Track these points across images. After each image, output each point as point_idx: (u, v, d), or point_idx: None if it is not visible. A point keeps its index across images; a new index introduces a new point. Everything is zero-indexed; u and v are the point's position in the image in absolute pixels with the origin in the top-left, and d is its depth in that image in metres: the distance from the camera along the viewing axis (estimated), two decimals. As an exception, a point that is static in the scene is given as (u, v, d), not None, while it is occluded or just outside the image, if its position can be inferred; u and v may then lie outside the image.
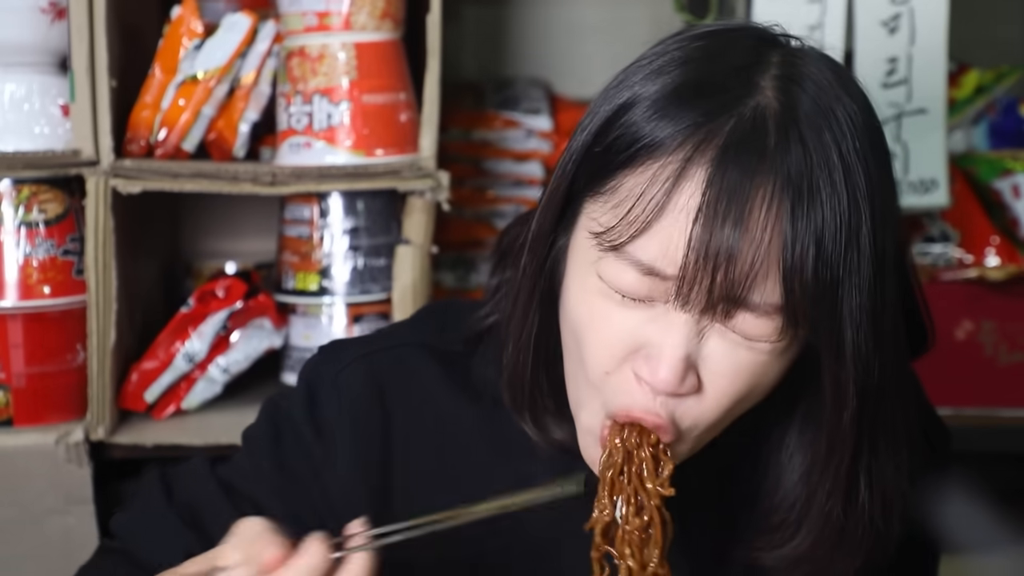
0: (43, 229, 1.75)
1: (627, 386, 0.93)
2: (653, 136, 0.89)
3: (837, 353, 0.91)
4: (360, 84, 1.77)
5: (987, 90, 2.08)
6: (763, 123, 0.87)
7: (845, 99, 0.91)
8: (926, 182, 1.85)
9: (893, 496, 0.98)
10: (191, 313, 1.84)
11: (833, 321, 0.89)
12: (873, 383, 0.92)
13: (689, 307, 0.89)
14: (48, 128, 1.78)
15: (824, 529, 0.98)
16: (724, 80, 0.90)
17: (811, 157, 0.87)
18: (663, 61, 0.93)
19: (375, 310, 1.84)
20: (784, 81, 0.90)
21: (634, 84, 0.93)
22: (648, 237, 0.88)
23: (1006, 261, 1.91)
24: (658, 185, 0.88)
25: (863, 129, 0.90)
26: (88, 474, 1.74)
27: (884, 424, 0.96)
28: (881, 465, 0.97)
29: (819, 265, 0.87)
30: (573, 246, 0.97)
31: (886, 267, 0.91)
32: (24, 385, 1.74)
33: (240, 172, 1.76)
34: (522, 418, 1.04)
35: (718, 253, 0.86)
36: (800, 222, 0.86)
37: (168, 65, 1.82)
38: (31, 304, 1.74)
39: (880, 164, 0.91)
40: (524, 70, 2.27)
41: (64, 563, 1.77)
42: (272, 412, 1.13)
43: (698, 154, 0.87)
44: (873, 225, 0.89)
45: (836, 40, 1.81)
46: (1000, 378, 1.93)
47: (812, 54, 0.94)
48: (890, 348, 0.93)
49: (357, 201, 1.83)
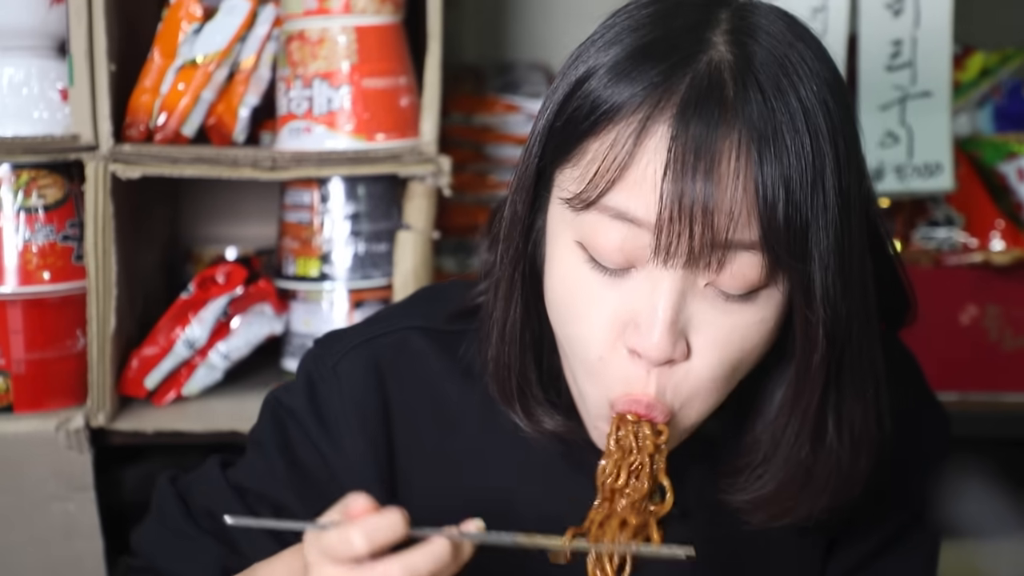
0: (42, 214, 1.74)
1: (623, 369, 0.93)
2: (612, 101, 0.90)
3: (807, 295, 0.92)
4: (360, 68, 1.76)
5: (992, 73, 2.07)
6: (719, 76, 0.88)
7: (799, 46, 0.92)
8: (931, 166, 1.84)
9: (861, 436, 0.99)
10: (191, 299, 1.83)
11: (804, 263, 0.90)
12: (841, 325, 0.93)
13: (672, 261, 0.89)
14: (47, 113, 1.77)
15: (790, 470, 0.98)
16: (676, 40, 0.91)
17: (771, 103, 0.88)
18: (614, 32, 0.94)
19: (376, 296, 1.83)
20: (736, 34, 0.91)
21: (588, 58, 0.94)
22: (618, 190, 0.89)
23: (1011, 245, 1.91)
24: (621, 144, 0.89)
25: (819, 74, 0.91)
26: (89, 460, 1.74)
27: (851, 366, 0.96)
28: (848, 406, 0.97)
29: (789, 207, 0.88)
30: (550, 222, 0.97)
31: (851, 209, 0.92)
32: (24, 371, 1.74)
33: (240, 157, 1.75)
34: (512, 410, 1.04)
35: (692, 205, 0.87)
36: (767, 167, 0.87)
37: (167, 49, 1.81)
38: (31, 290, 1.73)
39: (840, 107, 0.92)
40: (525, 54, 2.26)
41: (65, 549, 1.78)
42: (274, 409, 1.13)
43: (657, 112, 0.88)
44: (837, 167, 0.90)
45: (840, 23, 1.80)
46: (1005, 363, 1.92)
47: (762, 7, 0.95)
48: (857, 290, 0.94)
49: (358, 186, 1.82)
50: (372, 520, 0.86)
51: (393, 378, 1.09)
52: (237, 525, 1.05)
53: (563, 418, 1.02)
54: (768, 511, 1.01)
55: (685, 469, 1.03)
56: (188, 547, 1.10)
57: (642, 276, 0.91)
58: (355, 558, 0.86)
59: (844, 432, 0.98)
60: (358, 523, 0.86)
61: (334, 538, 0.86)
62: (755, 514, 1.02)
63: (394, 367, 1.09)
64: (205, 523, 1.10)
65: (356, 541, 0.85)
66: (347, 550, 0.86)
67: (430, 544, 0.87)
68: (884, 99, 1.84)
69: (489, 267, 1.07)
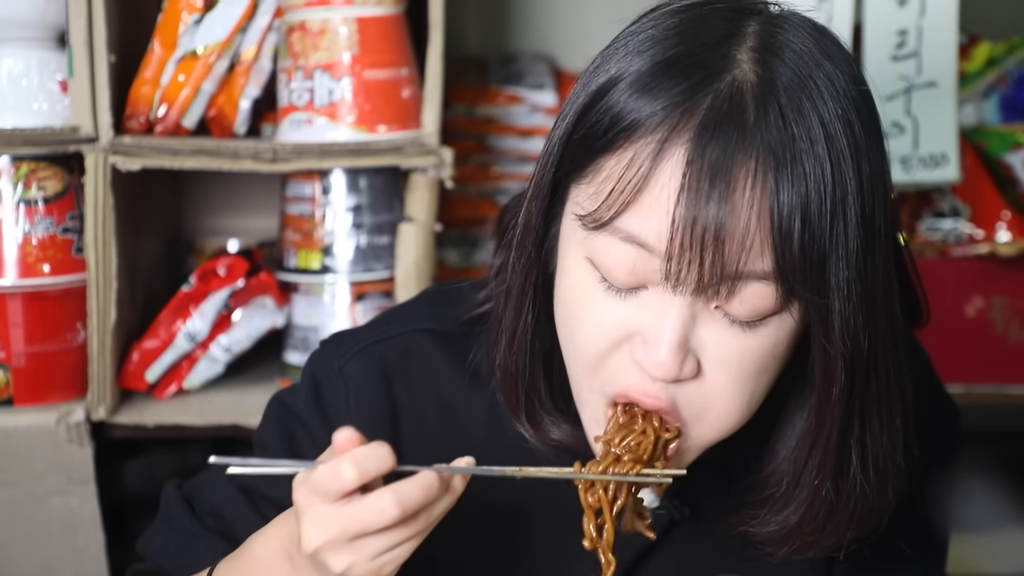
0: (42, 207, 1.73)
1: (624, 368, 0.92)
2: (630, 119, 0.88)
3: (825, 326, 0.90)
4: (362, 59, 1.75)
5: (998, 62, 2.06)
6: (741, 98, 0.86)
7: (826, 65, 0.89)
8: (936, 156, 1.83)
9: (887, 468, 0.97)
10: (192, 292, 1.82)
11: (822, 293, 0.88)
12: (863, 356, 0.91)
13: (681, 287, 0.88)
14: (47, 104, 1.76)
15: (813, 504, 0.97)
16: (700, 56, 0.89)
17: (791, 128, 0.86)
18: (638, 41, 0.92)
19: (378, 288, 1.82)
20: (761, 52, 0.89)
21: (610, 68, 0.92)
22: (631, 213, 0.88)
23: (1017, 236, 1.90)
24: (637, 165, 0.87)
25: (845, 94, 0.89)
26: (89, 454, 1.73)
27: (877, 397, 0.94)
28: (874, 438, 0.96)
29: (806, 236, 0.85)
30: (563, 234, 0.96)
31: (875, 236, 0.90)
32: (24, 364, 1.73)
33: (241, 149, 1.74)
34: (518, 419, 1.03)
35: (704, 232, 0.85)
36: (784, 194, 0.85)
37: (167, 40, 1.80)
38: (31, 283, 1.73)
39: (867, 129, 0.90)
40: (528, 45, 2.25)
41: (66, 543, 1.77)
42: (279, 411, 1.12)
43: (675, 134, 0.86)
44: (860, 193, 0.88)
45: (845, 13, 1.79)
46: (1010, 355, 1.92)
47: (792, 20, 0.92)
48: (882, 320, 0.92)
49: (359, 178, 1.81)
50: (360, 450, 0.86)
51: (400, 381, 1.08)
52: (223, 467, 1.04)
53: (570, 428, 1.01)
54: (791, 543, 0.99)
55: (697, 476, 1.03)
56: (193, 546, 1.09)
57: (652, 295, 0.90)
58: (345, 490, 0.85)
59: (869, 464, 0.96)
60: (347, 454, 0.85)
61: (323, 472, 0.85)
62: (779, 546, 1.00)
63: (401, 370, 1.08)
64: (210, 523, 1.10)
65: (345, 471, 0.85)
66: (337, 482, 0.85)
67: (420, 476, 0.87)
68: (889, 89, 1.83)
69: (497, 270, 1.06)
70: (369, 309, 1.81)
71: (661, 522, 1.04)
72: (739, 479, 1.02)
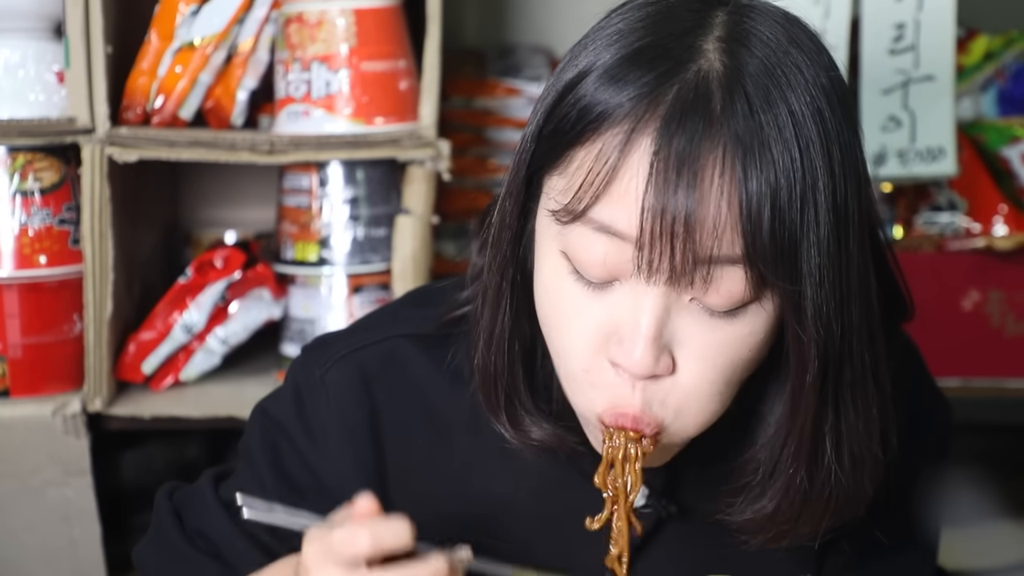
0: (39, 198, 1.73)
1: (607, 381, 0.91)
2: (598, 110, 0.88)
3: (798, 313, 0.89)
4: (359, 51, 1.75)
5: (996, 56, 2.06)
6: (707, 87, 0.86)
7: (794, 53, 0.89)
8: (933, 150, 1.83)
9: (863, 458, 0.97)
10: (189, 283, 1.82)
11: (794, 280, 0.88)
12: (836, 344, 0.91)
13: (654, 277, 0.87)
14: (43, 95, 1.76)
15: (788, 493, 0.97)
16: (666, 47, 0.88)
17: (758, 116, 0.85)
18: (606, 35, 0.92)
19: (375, 281, 1.82)
20: (728, 42, 0.88)
21: (579, 62, 0.92)
22: (602, 204, 0.88)
23: (1014, 230, 1.90)
24: (605, 157, 0.87)
25: (815, 82, 0.88)
26: (86, 446, 1.73)
27: (852, 385, 0.94)
28: (849, 427, 0.95)
29: (776, 223, 0.85)
30: (538, 229, 0.96)
31: (848, 223, 0.89)
32: (21, 356, 1.73)
33: (238, 140, 1.74)
34: (498, 420, 1.02)
35: (674, 220, 0.85)
36: (752, 181, 0.85)
37: (164, 31, 1.80)
38: (27, 274, 1.73)
39: (837, 117, 0.89)
40: (526, 37, 2.25)
41: (62, 534, 1.77)
42: (262, 421, 1.11)
43: (642, 124, 0.86)
44: (831, 179, 0.87)
45: (843, 6, 1.79)
46: (1007, 349, 1.91)
47: (761, 9, 0.92)
48: (856, 308, 0.92)
49: (357, 170, 1.81)
50: (381, 523, 0.85)
51: (381, 389, 1.07)
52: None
53: (551, 426, 1.00)
54: (766, 532, 0.99)
55: (681, 470, 1.02)
56: (185, 568, 1.09)
57: (625, 290, 0.90)
58: (357, 558, 0.85)
59: (844, 453, 0.95)
60: (366, 523, 0.85)
61: (339, 535, 0.85)
62: (754, 535, 1.00)
63: (382, 377, 1.07)
64: (199, 543, 1.09)
65: (361, 540, 0.84)
66: (350, 548, 0.85)
67: (432, 560, 0.86)
68: (887, 83, 1.83)
69: (477, 272, 1.05)
70: (366, 301, 1.81)
71: (649, 521, 1.04)
72: (718, 468, 1.01)
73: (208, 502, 1.10)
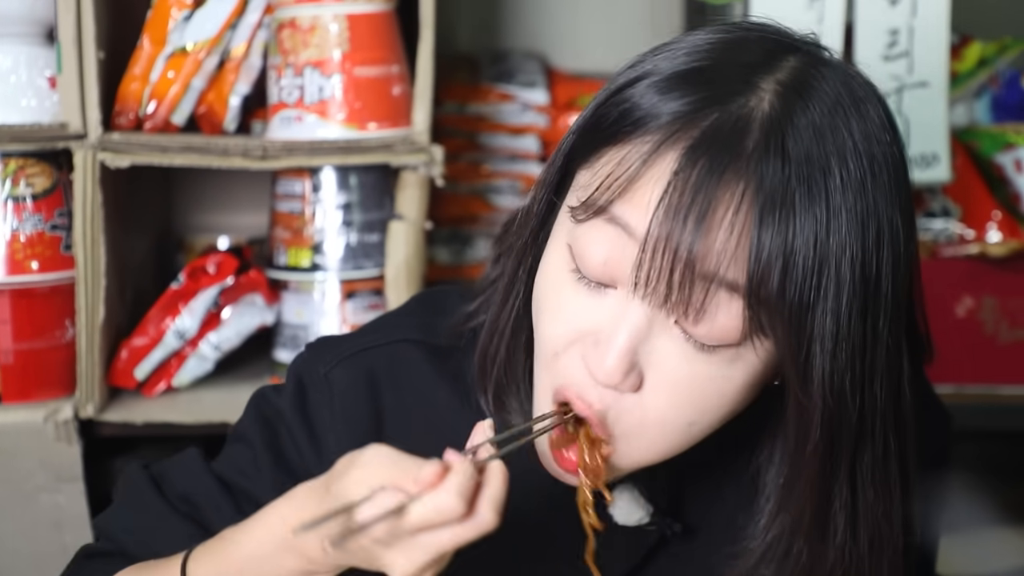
0: (31, 203, 1.72)
1: (572, 368, 0.91)
2: (637, 115, 0.87)
3: (802, 381, 0.87)
4: (352, 56, 1.74)
5: (990, 62, 2.05)
6: (747, 124, 0.85)
7: (854, 119, 0.87)
8: (927, 156, 1.83)
9: (882, 540, 0.94)
10: (182, 289, 1.82)
11: (799, 345, 0.86)
12: (852, 420, 0.89)
13: (647, 296, 0.87)
14: (35, 100, 1.75)
15: (785, 565, 0.94)
16: (724, 74, 0.87)
17: (790, 170, 0.83)
18: (675, 48, 0.91)
19: (368, 286, 1.82)
20: (787, 88, 0.87)
21: (638, 68, 0.91)
22: (616, 204, 0.87)
23: (1008, 237, 1.89)
24: (629, 163, 0.86)
25: (867, 153, 0.87)
26: (78, 452, 1.73)
27: (873, 466, 0.92)
28: (868, 508, 0.93)
29: (786, 282, 0.84)
30: (556, 224, 0.95)
31: (880, 302, 0.87)
32: (12, 362, 1.72)
33: (230, 146, 1.73)
34: (484, 395, 1.02)
35: (678, 246, 0.84)
36: (767, 233, 0.83)
37: (157, 37, 1.79)
38: (19, 280, 1.72)
39: (884, 194, 0.87)
40: (520, 43, 2.25)
41: (54, 540, 1.77)
42: (263, 407, 1.10)
43: (672, 140, 0.85)
44: (863, 253, 0.85)
45: (837, 11, 1.78)
46: (1001, 355, 1.91)
47: (833, 65, 0.90)
48: (883, 389, 0.90)
49: (350, 176, 1.81)
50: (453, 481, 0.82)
51: (386, 391, 1.07)
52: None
53: (529, 415, 1.00)
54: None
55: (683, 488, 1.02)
56: (161, 528, 1.06)
57: (616, 298, 0.89)
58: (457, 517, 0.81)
59: (861, 535, 0.93)
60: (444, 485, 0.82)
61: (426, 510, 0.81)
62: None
63: (387, 380, 1.07)
64: (181, 507, 1.07)
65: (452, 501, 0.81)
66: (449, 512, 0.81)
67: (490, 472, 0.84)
68: (880, 89, 1.83)
69: (489, 282, 1.05)
70: (359, 307, 1.80)
71: (651, 539, 1.04)
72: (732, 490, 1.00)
73: (196, 469, 1.08)
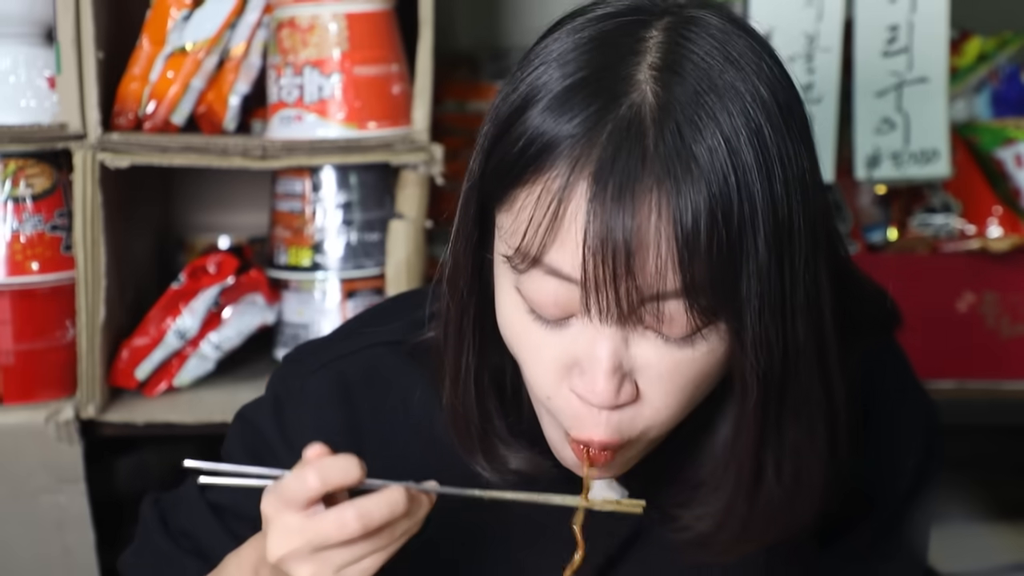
0: (30, 204, 1.73)
1: (571, 406, 0.91)
2: (538, 149, 0.86)
3: (739, 341, 0.88)
4: (352, 55, 1.74)
5: (989, 58, 2.05)
6: (640, 124, 0.84)
7: (730, 72, 0.86)
8: (927, 152, 1.83)
9: (808, 472, 0.95)
10: (182, 289, 1.82)
11: (735, 311, 0.86)
12: (777, 369, 0.89)
13: (604, 317, 0.86)
14: (35, 101, 1.75)
15: (727, 513, 0.96)
16: (602, 77, 0.86)
17: (689, 146, 0.83)
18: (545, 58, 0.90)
19: (369, 285, 1.82)
20: (661, 71, 0.86)
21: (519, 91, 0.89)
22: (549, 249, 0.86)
23: (1008, 231, 1.89)
24: (545, 204, 0.85)
25: (753, 99, 0.86)
26: (79, 452, 1.73)
27: (796, 403, 0.92)
28: (792, 444, 0.94)
29: (712, 252, 0.83)
30: (495, 263, 0.94)
31: (794, 242, 0.87)
32: (13, 362, 1.73)
33: (230, 146, 1.73)
34: (474, 459, 1.01)
35: (615, 263, 0.83)
36: (686, 214, 0.83)
37: (156, 36, 1.79)
38: (19, 280, 1.72)
39: (780, 132, 0.87)
40: (519, 40, 2.24)
41: (56, 541, 1.77)
42: (243, 429, 1.11)
43: (579, 167, 0.84)
44: (772, 202, 0.85)
45: (836, 8, 1.78)
46: (1002, 350, 1.91)
47: (699, 20, 0.89)
48: (802, 324, 0.90)
49: (350, 175, 1.81)
50: (327, 459, 0.86)
51: (362, 399, 1.06)
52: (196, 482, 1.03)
53: (528, 453, 0.99)
54: (708, 551, 0.99)
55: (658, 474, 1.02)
56: (167, 568, 1.08)
57: (581, 325, 0.89)
58: (309, 498, 0.85)
59: (784, 471, 0.94)
60: (312, 462, 0.86)
61: (288, 480, 0.86)
62: (696, 552, 0.99)
63: (363, 388, 1.06)
64: (184, 543, 1.09)
65: (310, 479, 0.85)
66: (301, 489, 0.85)
67: (385, 491, 0.87)
68: (880, 85, 1.83)
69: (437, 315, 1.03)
70: (360, 306, 1.80)
71: (628, 528, 1.04)
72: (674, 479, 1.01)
73: (193, 502, 1.09)
